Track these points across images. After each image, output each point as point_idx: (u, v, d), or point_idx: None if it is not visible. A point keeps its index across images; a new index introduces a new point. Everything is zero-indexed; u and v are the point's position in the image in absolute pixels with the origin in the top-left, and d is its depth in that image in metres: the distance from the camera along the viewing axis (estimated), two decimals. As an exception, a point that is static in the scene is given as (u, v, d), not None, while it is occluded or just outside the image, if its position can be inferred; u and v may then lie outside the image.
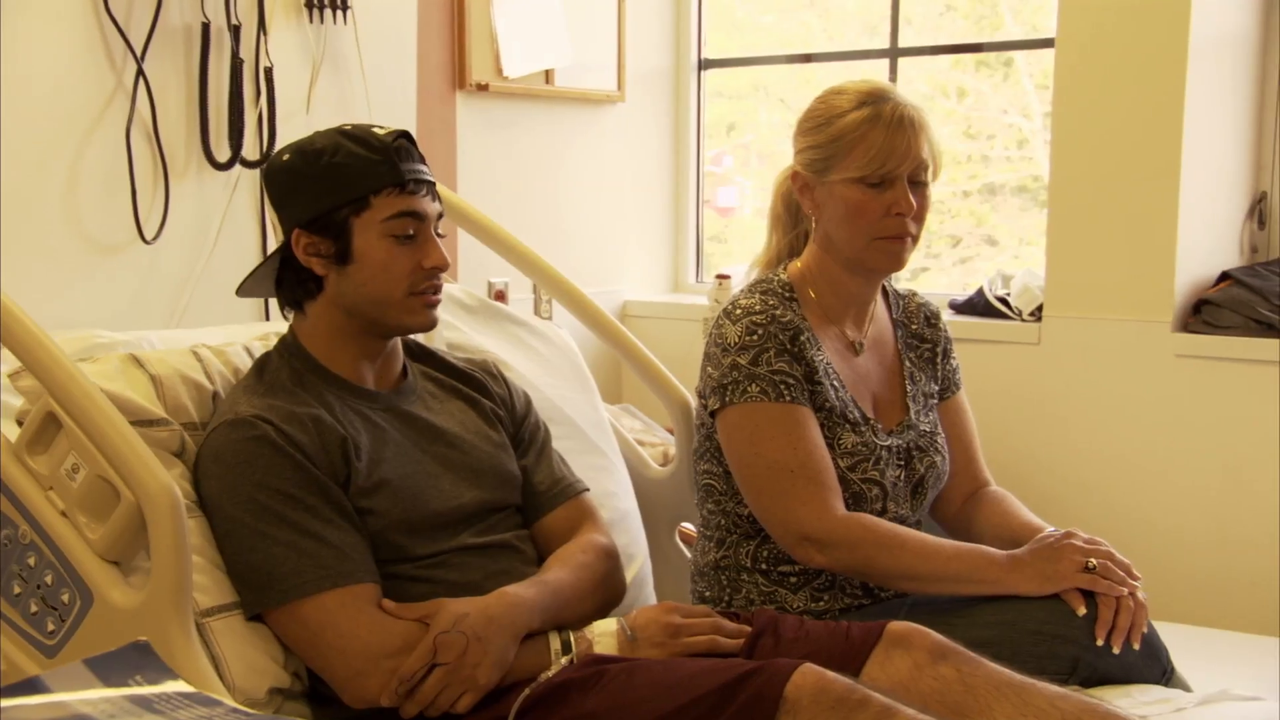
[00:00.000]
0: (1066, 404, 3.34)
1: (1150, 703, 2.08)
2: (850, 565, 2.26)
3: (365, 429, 2.02)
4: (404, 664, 1.84)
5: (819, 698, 1.73)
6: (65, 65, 2.64)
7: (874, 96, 2.32)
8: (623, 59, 3.88)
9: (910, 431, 2.41)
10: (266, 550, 1.89)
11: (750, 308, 2.33)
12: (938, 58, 3.94)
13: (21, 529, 1.90)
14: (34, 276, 2.58)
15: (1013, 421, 3.31)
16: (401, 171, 2.00)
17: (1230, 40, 3.23)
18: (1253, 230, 3.35)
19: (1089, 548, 2.18)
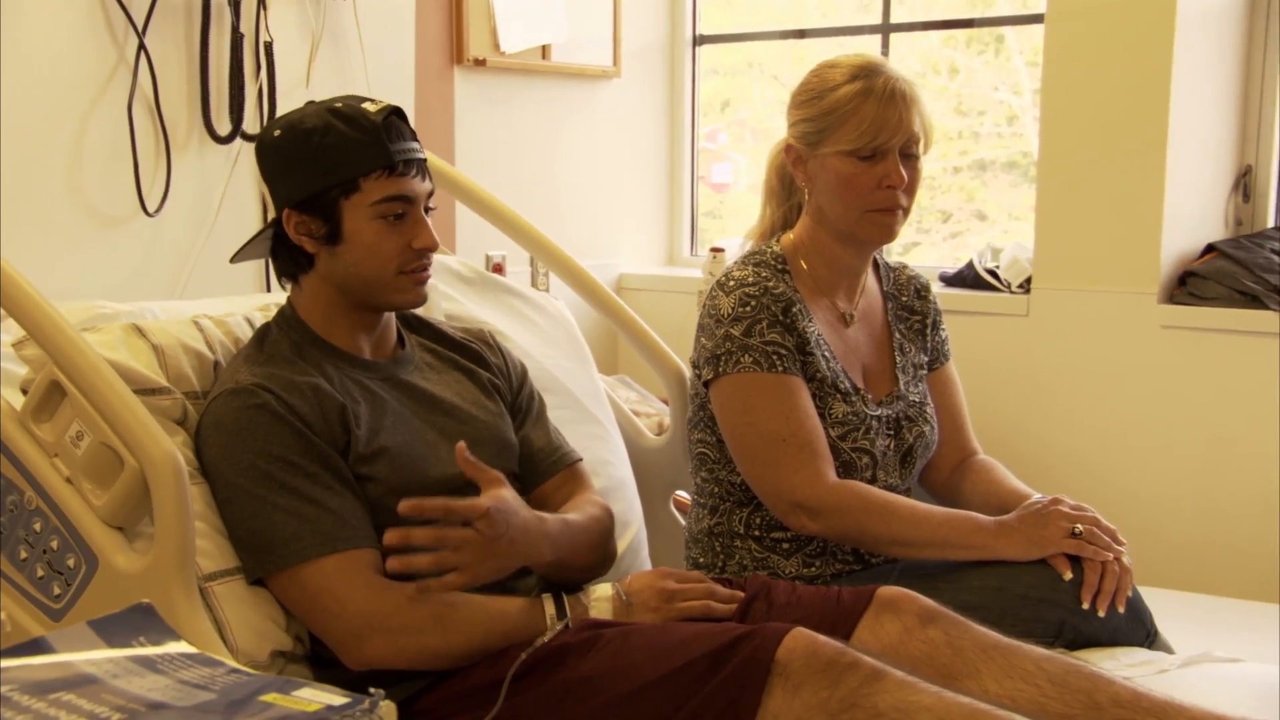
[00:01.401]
0: (1054, 374, 3.35)
1: (1134, 664, 2.09)
2: (841, 532, 2.27)
3: (364, 398, 2.02)
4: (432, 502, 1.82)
5: (810, 661, 1.73)
6: (67, 39, 2.63)
7: (866, 70, 2.32)
8: (618, 35, 3.88)
9: (900, 401, 2.42)
10: (267, 516, 1.89)
11: (743, 279, 2.33)
12: (929, 34, 3.94)
13: (27, 495, 1.90)
14: (37, 248, 2.58)
15: (1001, 391, 3.32)
16: (391, 153, 1.98)
17: (1216, 15, 3.22)
18: (1238, 203, 3.36)
19: (1075, 514, 2.20)
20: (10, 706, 0.98)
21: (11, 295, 1.85)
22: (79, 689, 1.02)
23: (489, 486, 1.89)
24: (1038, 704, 1.82)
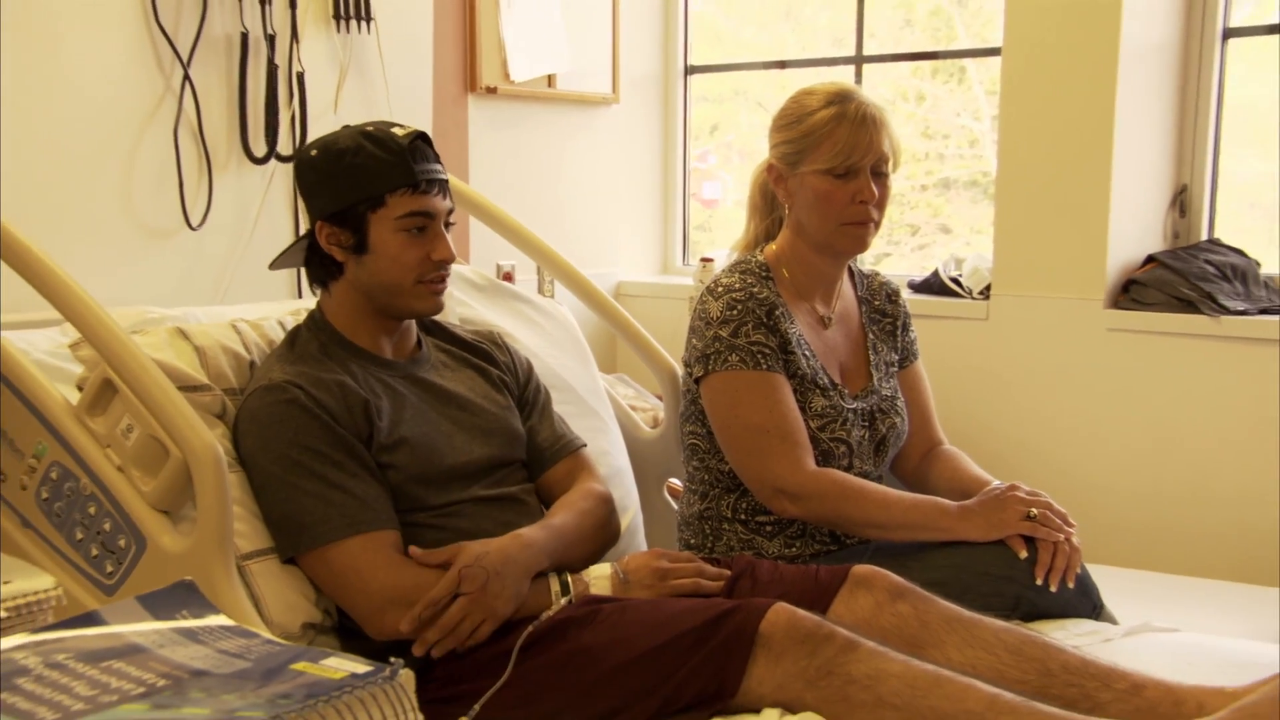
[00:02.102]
0: (1011, 373, 3.35)
1: (1082, 634, 2.09)
2: (820, 515, 2.27)
3: (385, 394, 2.02)
4: (430, 593, 1.84)
5: (790, 633, 1.74)
6: (120, 70, 2.63)
7: (840, 96, 2.32)
8: (617, 65, 3.87)
9: (873, 396, 2.42)
10: (298, 501, 1.89)
11: (730, 286, 2.33)
12: (899, 65, 3.94)
13: (83, 482, 1.90)
14: (93, 258, 2.58)
15: (964, 388, 3.32)
16: (415, 173, 1.99)
17: (1155, 50, 3.23)
18: (1175, 218, 3.36)
19: (1030, 499, 2.20)
20: (67, 673, 0.98)
21: (68, 301, 1.85)
22: (128, 657, 1.01)
23: (453, 557, 1.89)
24: (996, 671, 1.83)
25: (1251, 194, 3.41)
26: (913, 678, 1.69)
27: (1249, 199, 3.41)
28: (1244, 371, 3.06)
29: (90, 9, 2.57)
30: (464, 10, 3.39)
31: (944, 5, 3.98)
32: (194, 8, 2.72)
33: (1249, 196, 3.40)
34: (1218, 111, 3.31)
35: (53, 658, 1.00)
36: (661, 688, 1.76)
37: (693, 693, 1.76)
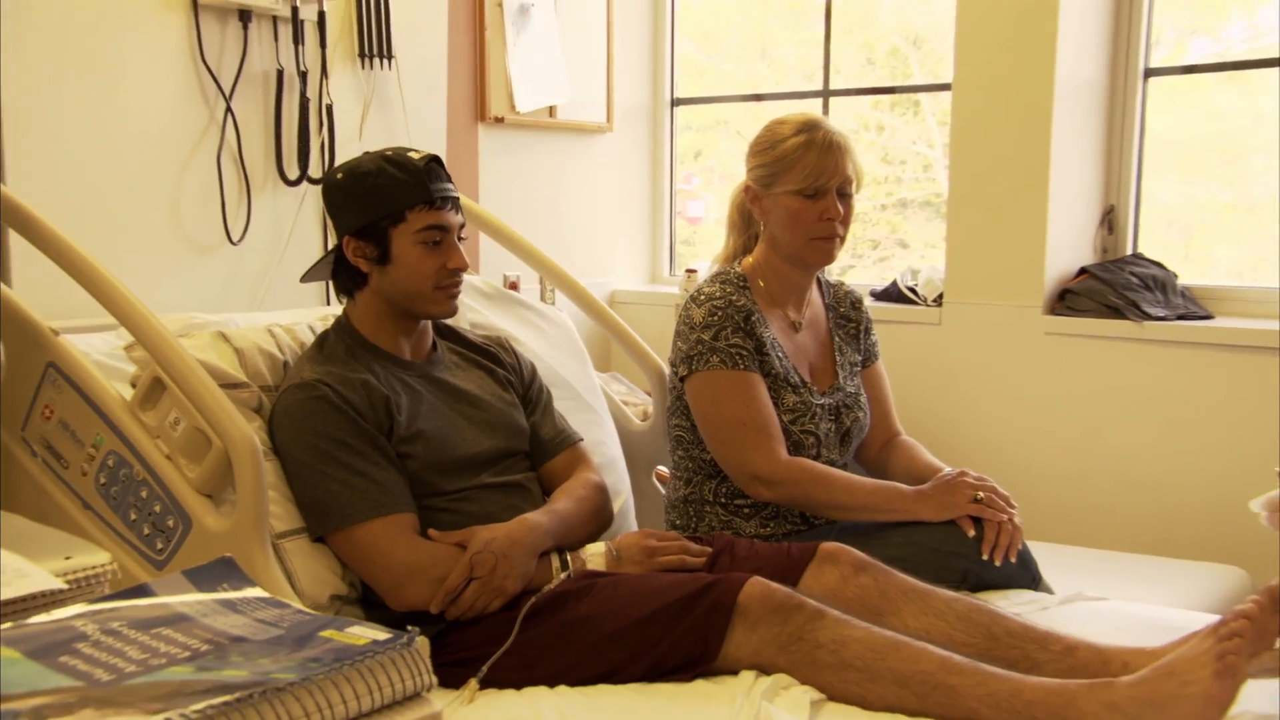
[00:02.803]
0: (961, 371, 3.35)
1: (1022, 603, 2.10)
2: (791, 499, 2.27)
3: (404, 391, 2.02)
4: (448, 580, 1.85)
5: (765, 603, 1.75)
6: (170, 104, 2.63)
7: (809, 125, 2.32)
8: (611, 97, 3.87)
9: (839, 393, 2.42)
10: (325, 487, 1.89)
11: (712, 294, 2.33)
12: (861, 99, 3.93)
13: (136, 469, 1.89)
14: (145, 270, 2.57)
15: (919, 385, 3.32)
16: (431, 191, 1.99)
17: (1085, 86, 3.23)
18: (1104, 235, 3.36)
19: (977, 483, 2.20)
20: (121, 639, 0.97)
21: (123, 308, 1.86)
22: (175, 625, 1.01)
23: (468, 539, 1.90)
24: (947, 635, 1.83)
25: (1170, 214, 3.42)
26: (873, 642, 1.70)
27: (1168, 218, 3.42)
28: (1164, 370, 3.06)
29: (146, 50, 2.57)
30: (474, 49, 3.39)
31: (900, 46, 3.99)
32: (235, 48, 2.72)
33: (1168, 216, 3.41)
34: (1140, 141, 3.31)
35: (108, 625, 1.00)
36: (650, 652, 1.77)
37: (678, 657, 1.76)
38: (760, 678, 1.72)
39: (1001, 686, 1.62)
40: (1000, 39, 3.18)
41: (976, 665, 1.67)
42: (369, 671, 0.97)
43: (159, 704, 0.87)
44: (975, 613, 1.86)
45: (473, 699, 1.77)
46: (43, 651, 0.93)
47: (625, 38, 3.94)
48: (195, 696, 0.88)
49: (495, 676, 1.80)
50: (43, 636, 0.96)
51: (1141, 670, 1.59)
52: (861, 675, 1.68)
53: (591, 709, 1.70)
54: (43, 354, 1.94)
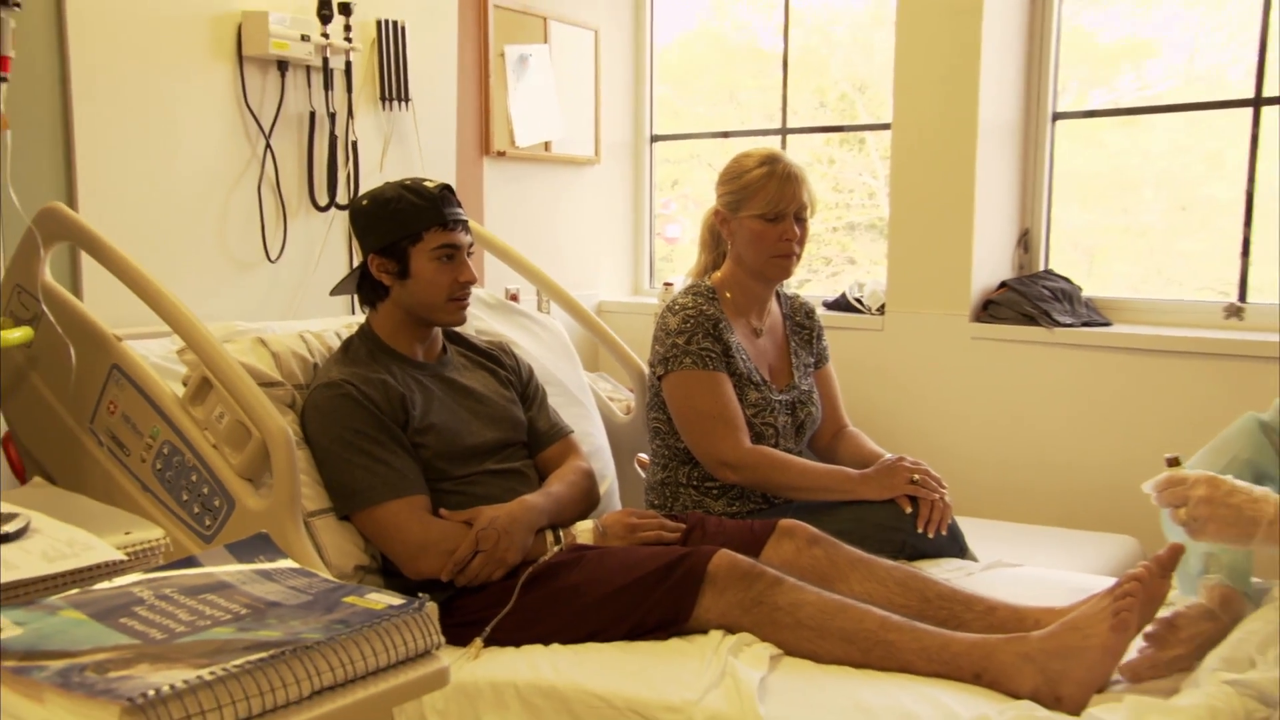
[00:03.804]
0: (900, 371, 3.36)
1: (951, 570, 2.11)
2: (754, 482, 2.27)
3: (418, 389, 2.01)
4: (456, 552, 1.85)
5: (731, 572, 1.75)
6: (217, 141, 2.62)
7: (770, 158, 2.32)
8: (599, 134, 3.87)
9: (795, 390, 2.42)
10: (350, 472, 1.89)
11: (685, 305, 2.33)
12: (814, 136, 3.94)
13: (187, 456, 1.89)
14: (195, 285, 2.56)
15: (864, 383, 3.33)
16: (444, 214, 1.98)
17: (1004, 127, 3.25)
18: (1020, 254, 3.38)
19: (913, 467, 2.21)
20: (172, 603, 0.97)
21: (175, 318, 1.85)
22: (218, 591, 1.01)
23: (475, 518, 1.90)
24: (887, 598, 1.83)
25: (1076, 236, 3.44)
26: (824, 605, 1.70)
27: (1074, 240, 3.43)
28: (1071, 370, 3.08)
29: (197, 95, 2.56)
30: (480, 92, 3.38)
31: (848, 91, 4.00)
32: (274, 93, 2.71)
33: (1074, 238, 3.43)
34: (1050, 173, 3.32)
35: (161, 591, 0.99)
36: (631, 615, 1.77)
37: (656, 619, 1.76)
38: (727, 636, 1.72)
39: (933, 641, 1.64)
40: (931, 87, 3.19)
41: (911, 624, 1.68)
42: (385, 633, 0.97)
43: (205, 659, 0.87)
44: (911, 579, 1.87)
45: (478, 655, 1.77)
46: (105, 614, 0.93)
47: (610, 83, 3.94)
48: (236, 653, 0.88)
49: (497, 636, 1.80)
50: (105, 601, 0.96)
51: (1050, 626, 1.61)
52: (814, 633, 1.68)
53: (580, 663, 1.70)
54: (108, 357, 1.94)
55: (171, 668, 0.84)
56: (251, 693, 0.86)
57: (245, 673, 0.86)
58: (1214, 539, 1.46)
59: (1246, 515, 1.42)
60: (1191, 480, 1.47)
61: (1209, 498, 1.44)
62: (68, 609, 0.94)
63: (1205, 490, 1.45)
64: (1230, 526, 1.43)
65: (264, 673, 0.87)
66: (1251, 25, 2.91)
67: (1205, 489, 1.45)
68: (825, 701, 1.54)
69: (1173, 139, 3.27)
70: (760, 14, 3.99)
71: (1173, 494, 1.49)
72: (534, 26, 3.56)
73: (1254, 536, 1.42)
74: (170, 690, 0.80)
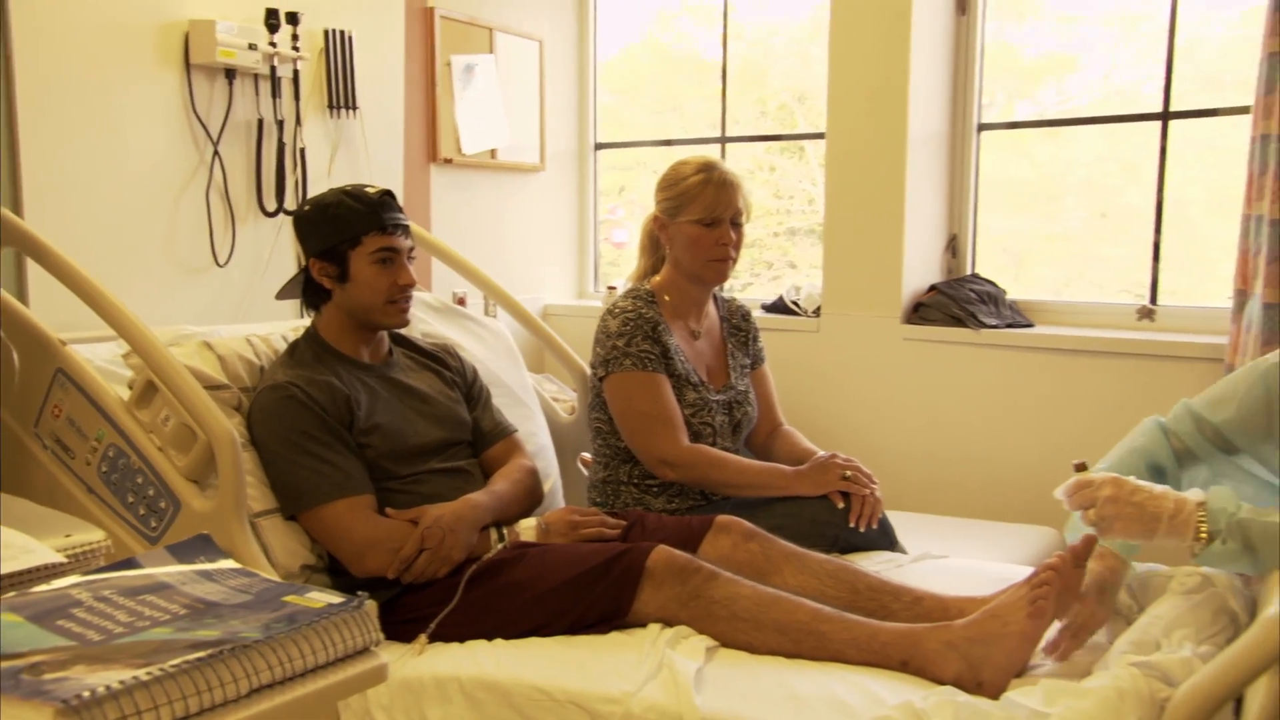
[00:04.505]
0: (835, 371, 3.38)
1: (881, 562, 2.13)
2: (692, 479, 2.27)
3: (363, 390, 1.99)
4: (402, 550, 1.84)
5: (669, 567, 1.76)
6: (164, 147, 2.57)
7: (707, 166, 2.33)
8: (544, 142, 3.86)
9: (731, 390, 2.43)
10: (296, 473, 1.87)
11: (625, 308, 2.33)
12: (755, 144, 3.97)
13: (133, 459, 1.86)
14: (144, 289, 2.52)
15: (800, 382, 3.35)
16: (383, 219, 1.97)
17: (932, 137, 3.28)
18: (948, 259, 3.41)
19: (845, 463, 2.22)
20: (110, 604, 0.96)
21: (120, 322, 1.82)
22: (158, 592, 0.99)
23: (420, 516, 1.89)
24: (819, 591, 1.85)
25: (1002, 242, 3.49)
26: (759, 598, 1.72)
27: (1000, 245, 3.49)
28: (996, 368, 3.11)
29: (145, 103, 2.52)
30: (426, 101, 3.36)
31: (788, 101, 4.03)
32: (222, 101, 2.67)
33: (1000, 244, 3.48)
34: (976, 182, 3.36)
35: (100, 592, 0.98)
36: (573, 610, 1.77)
37: (597, 613, 1.77)
38: (665, 629, 1.73)
39: (862, 631, 1.66)
40: (863, 100, 3.22)
41: (842, 615, 1.70)
42: (324, 630, 0.96)
43: (142, 660, 0.86)
44: (842, 571, 1.89)
45: (422, 651, 1.76)
46: (42, 616, 0.91)
47: (555, 92, 3.94)
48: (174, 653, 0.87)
49: (442, 632, 1.79)
50: (42, 603, 0.94)
51: (973, 614, 1.64)
52: (749, 625, 1.70)
53: (522, 657, 1.70)
54: (52, 361, 1.90)
55: (108, 669, 0.83)
56: (189, 692, 0.85)
57: (182, 672, 0.85)
58: (1121, 536, 1.51)
59: (1149, 512, 1.46)
60: (1098, 482, 1.52)
61: (1114, 497, 1.49)
62: (4, 612, 0.92)
63: (1111, 490, 1.50)
64: (1135, 523, 1.47)
65: (201, 672, 0.86)
66: (1161, 44, 2.98)
67: (1111, 489, 1.50)
68: (759, 691, 1.56)
69: (1093, 150, 3.34)
70: (702, 26, 4.00)
71: (1081, 497, 1.53)
72: (480, 37, 3.54)
73: (1156, 532, 1.46)
74: (106, 691, 0.79)
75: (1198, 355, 2.81)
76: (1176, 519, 1.45)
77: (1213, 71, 3.08)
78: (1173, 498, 1.47)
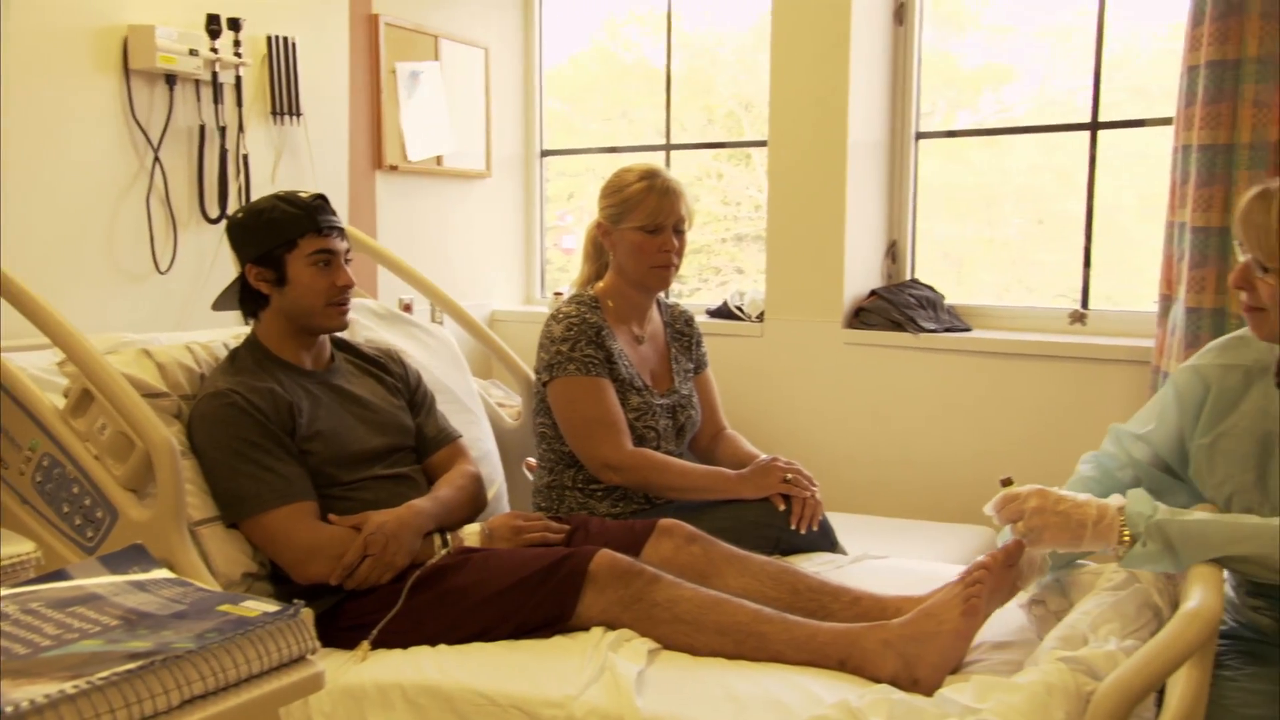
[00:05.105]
0: (778, 375, 3.40)
1: (822, 563, 2.15)
2: (636, 483, 2.28)
3: (305, 397, 1.98)
4: (345, 557, 1.82)
5: (611, 571, 1.76)
6: (103, 152, 2.52)
7: (650, 173, 2.34)
8: (489, 148, 3.85)
9: (675, 395, 2.44)
10: (237, 480, 1.84)
11: (569, 313, 2.33)
12: (703, 151, 3.98)
13: (68, 468, 1.82)
14: (83, 297, 2.47)
15: (744, 386, 3.37)
16: (319, 221, 1.96)
17: (871, 145, 3.31)
18: (888, 264, 3.44)
19: (786, 467, 2.24)
20: (38, 617, 0.94)
21: (54, 330, 1.79)
22: (89, 604, 0.98)
23: (363, 522, 1.87)
24: (760, 593, 1.86)
25: (946, 247, 3.53)
26: (700, 600, 1.72)
27: (940, 251, 3.53)
28: (935, 371, 3.14)
29: (81, 107, 2.47)
30: (371, 107, 3.34)
31: (735, 109, 4.05)
32: (162, 106, 2.63)
33: (940, 249, 3.52)
34: (915, 189, 3.39)
35: (28, 605, 0.96)
36: (517, 614, 1.77)
37: (540, 617, 1.76)
38: (607, 633, 1.73)
39: (801, 631, 1.67)
40: (804, 108, 3.24)
41: (782, 616, 1.71)
42: (259, 640, 0.95)
43: (70, 673, 0.85)
44: (783, 573, 1.90)
45: (365, 658, 1.75)
46: (-35, 631, 0.90)
47: (501, 100, 3.93)
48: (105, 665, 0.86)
49: (385, 638, 1.78)
50: (-33, 618, 0.93)
51: (910, 613, 1.66)
52: (690, 628, 1.70)
53: (465, 663, 1.69)
54: (-16, 370, 1.86)
55: (34, 683, 0.82)
56: (117, 704, 0.84)
57: (111, 684, 0.84)
58: (1050, 545, 1.54)
59: (1074, 520, 1.50)
60: (1024, 495, 1.56)
61: (1040, 508, 1.53)
62: (-73, 626, 0.90)
63: (1037, 502, 1.54)
64: (1062, 532, 1.51)
65: (130, 684, 0.85)
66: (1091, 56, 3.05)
67: (1037, 501, 1.54)
68: (700, 692, 1.56)
69: (1029, 158, 3.40)
70: (649, 35, 4.02)
71: (1010, 510, 1.57)
72: (425, 44, 3.53)
73: (1083, 539, 1.50)
74: (30, 705, 0.78)
75: (1126, 358, 2.87)
76: (1100, 525, 1.48)
77: (1141, 83, 3.15)
78: (1095, 504, 1.51)
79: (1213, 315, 2.52)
